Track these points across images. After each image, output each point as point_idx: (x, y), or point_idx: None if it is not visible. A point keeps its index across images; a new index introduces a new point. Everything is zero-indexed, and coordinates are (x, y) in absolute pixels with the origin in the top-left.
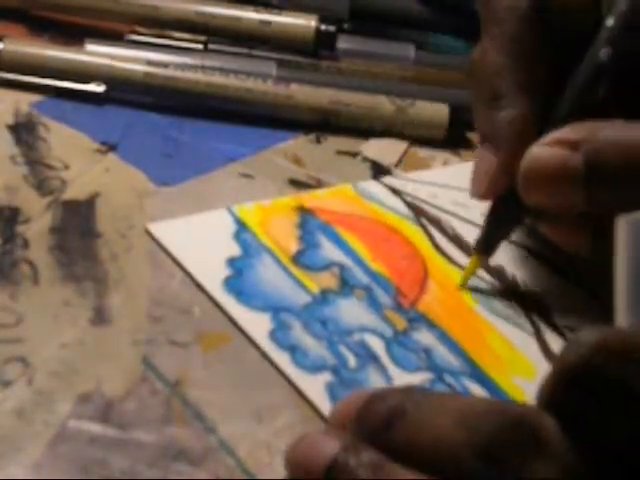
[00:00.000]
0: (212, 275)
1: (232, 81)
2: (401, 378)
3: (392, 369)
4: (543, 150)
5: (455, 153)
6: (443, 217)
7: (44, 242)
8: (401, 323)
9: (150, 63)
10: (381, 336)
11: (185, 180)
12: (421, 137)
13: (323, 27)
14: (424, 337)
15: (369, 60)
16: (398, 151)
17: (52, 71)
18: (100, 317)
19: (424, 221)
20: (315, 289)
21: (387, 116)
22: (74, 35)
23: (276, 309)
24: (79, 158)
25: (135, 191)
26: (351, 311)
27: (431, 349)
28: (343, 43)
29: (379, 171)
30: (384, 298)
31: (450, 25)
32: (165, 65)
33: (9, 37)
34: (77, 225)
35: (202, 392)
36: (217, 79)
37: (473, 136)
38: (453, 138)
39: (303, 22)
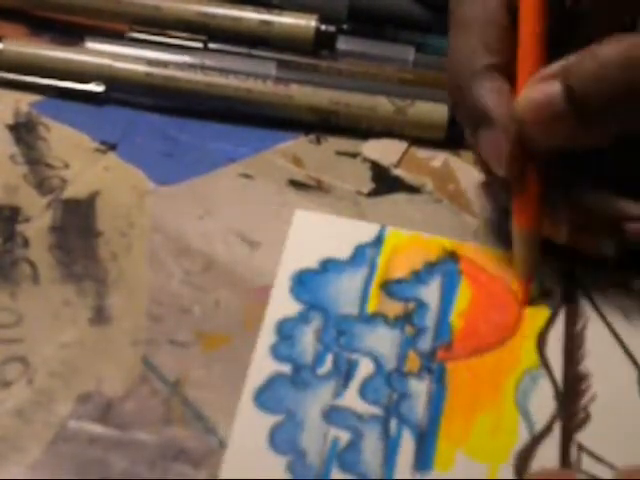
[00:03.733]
0: (294, 263)
1: (232, 81)
2: (350, 401)
3: (351, 391)
4: (530, 90)
5: (455, 153)
6: (590, 328)
7: (44, 241)
8: (413, 365)
9: (150, 62)
10: (378, 365)
11: (185, 180)
12: (421, 137)
13: (323, 27)
14: (419, 386)
15: (369, 61)
16: (398, 151)
17: (52, 71)
18: (100, 316)
19: (562, 314)
20: (371, 309)
21: (387, 116)
22: (74, 35)
23: (313, 306)
24: (79, 157)
25: (135, 190)
26: (379, 338)
27: (411, 397)
28: (343, 44)
29: (379, 171)
30: (426, 343)
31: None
32: (165, 65)
33: (9, 37)
34: (77, 224)
35: (202, 392)
36: (217, 79)
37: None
38: (453, 138)
39: (303, 22)
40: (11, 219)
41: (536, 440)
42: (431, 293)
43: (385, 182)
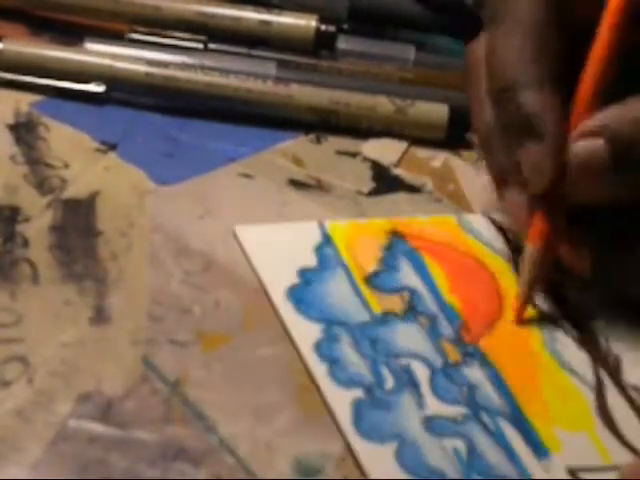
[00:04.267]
0: (279, 282)
1: (232, 81)
2: (435, 407)
3: (429, 398)
4: (577, 145)
5: (455, 153)
6: None
7: (44, 241)
8: (455, 355)
9: (150, 63)
10: (429, 365)
11: (185, 180)
12: (421, 137)
13: (323, 27)
14: (473, 373)
15: (369, 61)
16: (398, 151)
17: (52, 71)
18: (100, 316)
19: (519, 259)
20: (378, 309)
21: (387, 116)
22: (74, 35)
23: (330, 322)
24: (79, 157)
25: (135, 190)
26: (407, 335)
27: (477, 386)
28: (343, 44)
29: (379, 171)
30: (447, 329)
31: (450, 26)
32: (165, 65)
33: (9, 37)
34: (77, 224)
35: (202, 391)
36: (217, 79)
37: (472, 136)
38: (453, 138)
39: (303, 22)
40: (11, 219)
41: (600, 394)
42: (410, 277)
43: (385, 182)
